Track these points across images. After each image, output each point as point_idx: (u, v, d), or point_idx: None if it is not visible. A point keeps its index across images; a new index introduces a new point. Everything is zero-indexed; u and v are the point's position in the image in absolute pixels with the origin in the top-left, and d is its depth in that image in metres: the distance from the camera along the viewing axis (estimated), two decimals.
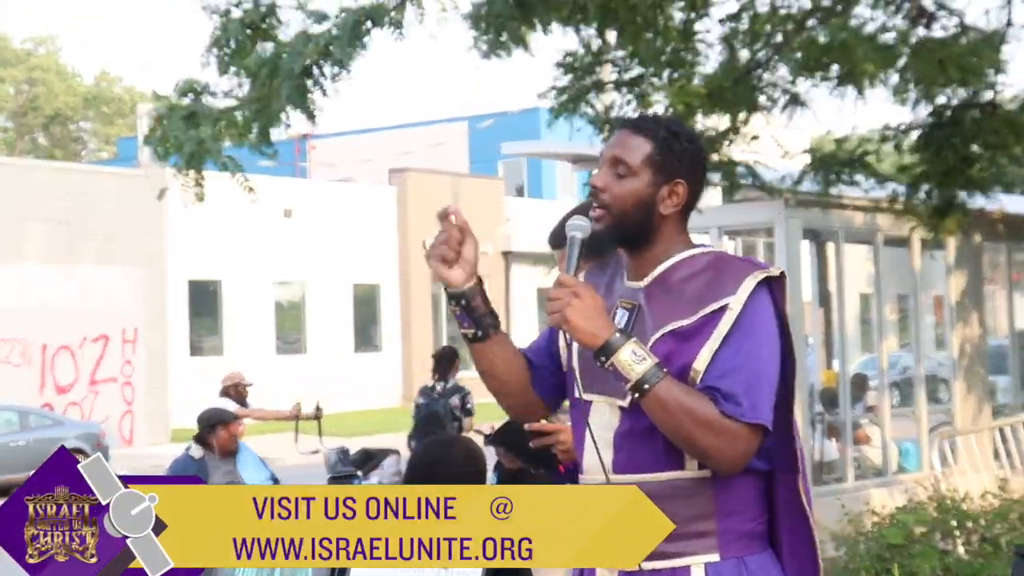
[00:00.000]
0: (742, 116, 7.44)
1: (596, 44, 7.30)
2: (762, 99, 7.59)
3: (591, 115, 7.53)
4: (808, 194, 9.18)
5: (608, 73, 7.45)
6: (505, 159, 33.92)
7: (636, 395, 2.62)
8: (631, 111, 7.41)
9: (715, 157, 7.41)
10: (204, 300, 26.54)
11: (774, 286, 2.71)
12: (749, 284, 2.65)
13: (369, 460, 11.34)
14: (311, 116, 6.10)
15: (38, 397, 22.76)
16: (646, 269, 2.79)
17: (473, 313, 2.81)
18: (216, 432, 8.35)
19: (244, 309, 26.86)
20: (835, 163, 8.16)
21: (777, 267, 2.74)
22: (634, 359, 2.60)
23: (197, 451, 8.41)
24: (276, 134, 6.67)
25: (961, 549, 7.08)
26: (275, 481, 9.01)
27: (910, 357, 12.55)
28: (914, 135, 8.26)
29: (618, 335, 2.62)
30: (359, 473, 11.07)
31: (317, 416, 11.13)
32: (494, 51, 6.75)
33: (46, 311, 23.31)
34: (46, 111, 55.34)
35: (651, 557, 2.46)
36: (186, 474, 8.19)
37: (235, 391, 11.78)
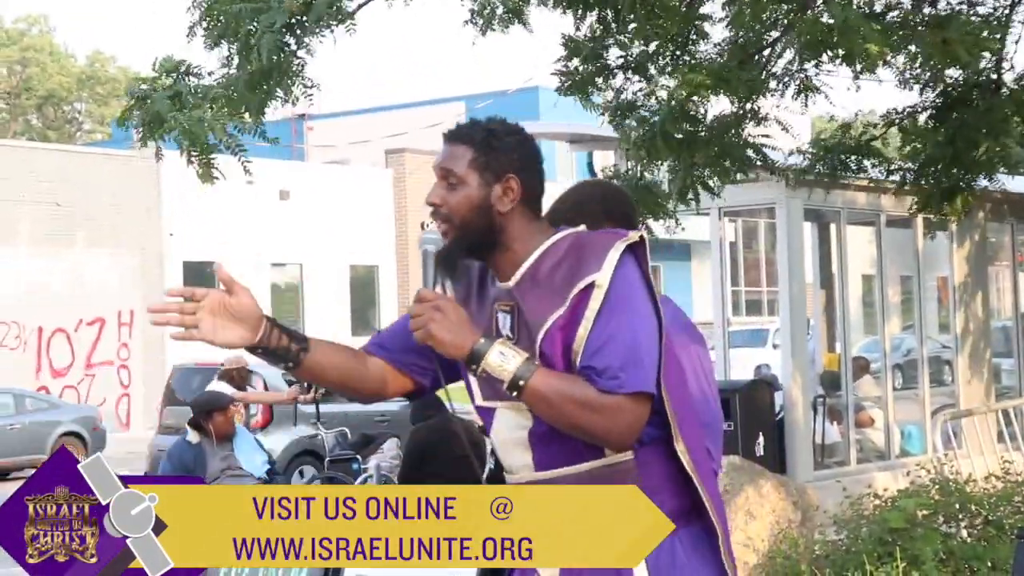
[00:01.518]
0: (753, 100, 7.33)
1: (596, 27, 7.20)
2: (772, 83, 7.50)
3: (599, 101, 7.43)
4: (810, 174, 9.11)
5: (614, 57, 7.34)
6: None
7: (514, 393, 2.64)
8: (640, 96, 7.31)
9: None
10: (200, 282, 26.45)
11: (637, 252, 2.71)
12: (613, 256, 2.67)
13: (368, 444, 11.31)
14: (299, 87, 5.96)
15: (34, 380, 22.75)
16: (511, 269, 2.79)
17: (276, 352, 2.78)
18: (212, 418, 8.29)
19: None
20: (841, 150, 8.10)
21: (636, 232, 2.73)
22: (502, 360, 2.64)
23: (194, 436, 8.36)
24: (273, 114, 6.54)
25: (964, 532, 7.04)
26: (271, 464, 8.96)
27: (913, 339, 12.50)
28: (921, 117, 8.18)
29: (483, 341, 2.66)
30: (358, 457, 11.03)
31: (315, 400, 11.07)
32: (490, 26, 6.66)
33: (41, 294, 23.26)
34: (39, 92, 55.18)
35: None
36: (183, 460, 8.15)
37: (237, 375, 11.71)
